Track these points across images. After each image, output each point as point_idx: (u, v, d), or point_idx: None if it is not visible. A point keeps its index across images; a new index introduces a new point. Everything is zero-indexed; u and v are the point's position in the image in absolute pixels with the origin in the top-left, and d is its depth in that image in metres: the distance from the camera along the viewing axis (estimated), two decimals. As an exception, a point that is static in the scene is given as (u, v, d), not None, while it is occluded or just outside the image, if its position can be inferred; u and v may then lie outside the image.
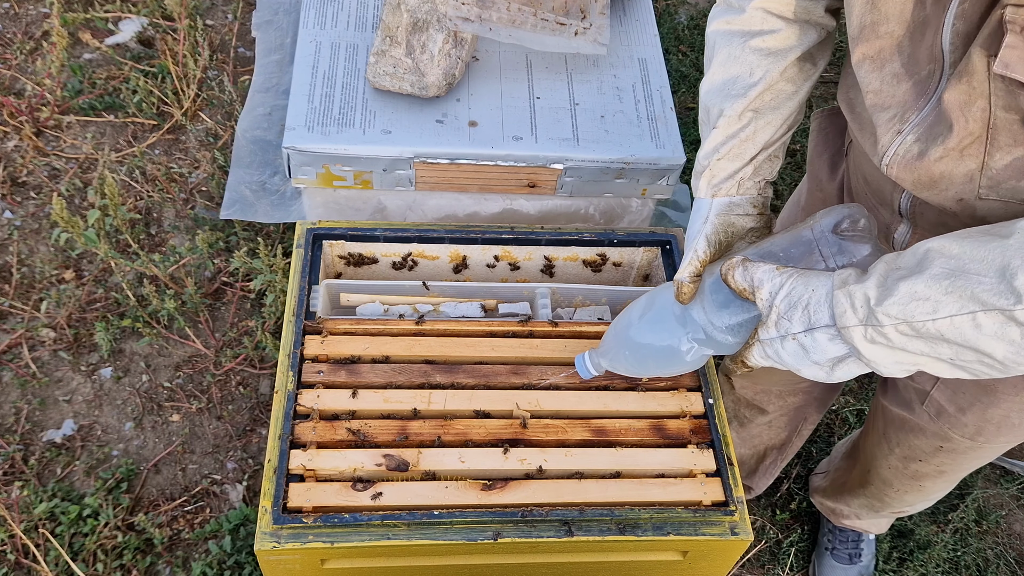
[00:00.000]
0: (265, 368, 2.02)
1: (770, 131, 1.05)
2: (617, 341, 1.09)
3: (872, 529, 1.77)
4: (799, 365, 0.90)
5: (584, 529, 1.11)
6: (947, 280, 0.78)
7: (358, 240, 1.39)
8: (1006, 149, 0.85)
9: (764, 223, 1.07)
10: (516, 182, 1.52)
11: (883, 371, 0.87)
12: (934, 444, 1.31)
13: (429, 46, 1.44)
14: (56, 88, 2.38)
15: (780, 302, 0.88)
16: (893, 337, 0.81)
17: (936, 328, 0.79)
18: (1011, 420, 1.19)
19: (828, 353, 0.87)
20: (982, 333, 0.77)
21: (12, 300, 2.03)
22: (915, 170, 0.93)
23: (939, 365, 0.84)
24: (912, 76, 0.90)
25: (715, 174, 1.05)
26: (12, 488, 1.76)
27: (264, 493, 1.09)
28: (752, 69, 1.02)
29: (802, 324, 0.87)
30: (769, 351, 0.91)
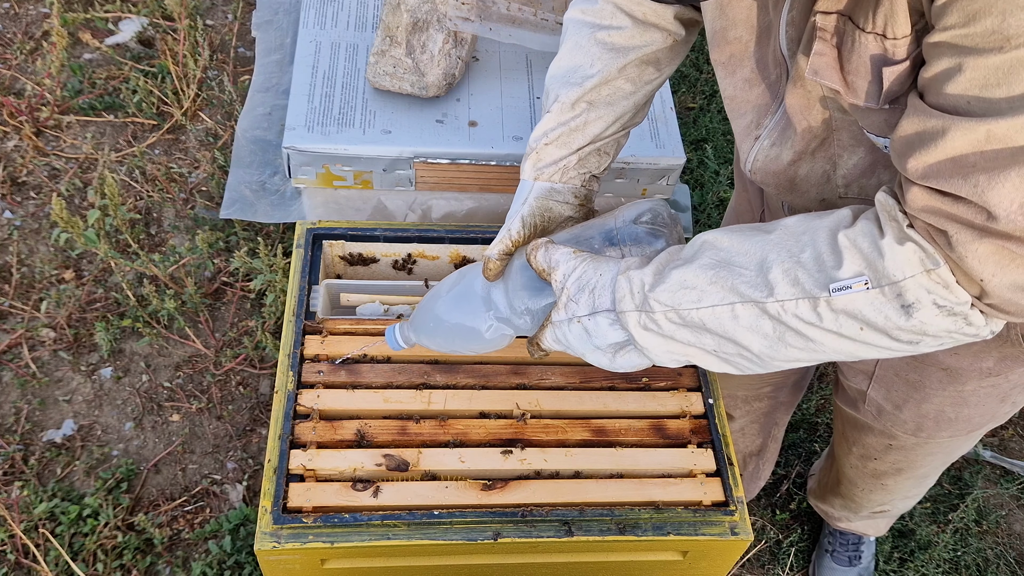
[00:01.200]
0: (265, 368, 2.02)
1: (601, 125, 1.05)
2: (423, 315, 1.07)
3: (869, 531, 1.77)
4: (583, 349, 0.91)
5: (584, 529, 1.11)
6: (713, 271, 0.80)
7: (358, 240, 1.39)
8: (851, 148, 0.86)
9: (583, 215, 1.08)
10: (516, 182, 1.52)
11: (657, 360, 0.88)
12: (883, 442, 1.33)
13: (429, 46, 1.44)
14: (56, 88, 2.38)
15: (571, 284, 0.89)
16: (663, 324, 0.83)
17: (699, 317, 0.80)
18: (946, 414, 1.20)
19: (608, 338, 0.88)
20: (739, 324, 0.79)
21: (12, 300, 2.03)
22: (775, 174, 0.94)
23: (706, 357, 0.85)
24: (763, 80, 0.91)
25: (541, 158, 1.06)
26: (12, 488, 1.76)
27: (264, 493, 1.09)
28: (593, 61, 1.03)
29: (587, 307, 0.88)
30: (559, 333, 0.92)
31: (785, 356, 0.80)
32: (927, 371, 1.15)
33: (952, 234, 0.68)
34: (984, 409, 1.19)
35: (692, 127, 2.58)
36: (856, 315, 0.74)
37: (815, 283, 0.74)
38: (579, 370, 1.25)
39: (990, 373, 1.11)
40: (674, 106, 1.60)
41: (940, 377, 1.14)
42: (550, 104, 1.05)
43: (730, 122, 1.06)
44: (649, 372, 1.26)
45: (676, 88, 2.69)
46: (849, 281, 0.73)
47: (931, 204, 0.69)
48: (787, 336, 0.78)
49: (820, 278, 0.74)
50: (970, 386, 1.14)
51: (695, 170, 2.47)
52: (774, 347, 0.79)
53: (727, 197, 2.40)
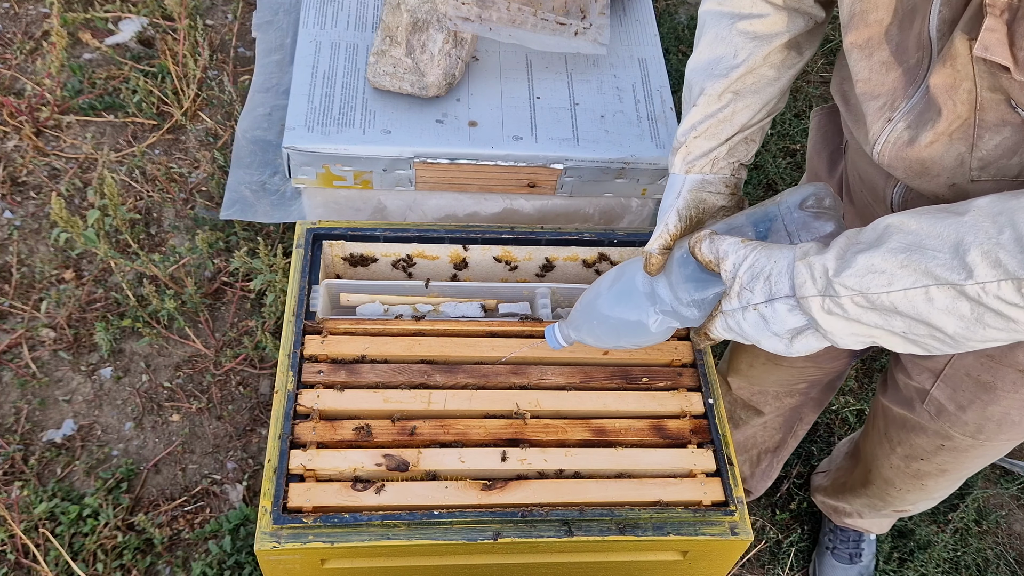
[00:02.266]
0: (265, 368, 2.02)
1: (748, 114, 1.06)
2: (585, 313, 1.09)
3: (873, 529, 1.77)
4: (759, 336, 0.92)
5: (584, 529, 1.11)
6: (903, 254, 0.80)
7: (358, 240, 1.39)
8: (994, 129, 0.86)
9: (735, 203, 1.09)
10: (516, 182, 1.52)
11: (839, 342, 0.88)
12: (935, 443, 1.31)
13: (429, 46, 1.44)
14: (56, 88, 2.38)
15: (743, 273, 0.90)
16: (849, 308, 0.83)
17: (890, 300, 0.80)
18: (1011, 417, 1.19)
19: (787, 324, 0.88)
20: (934, 307, 0.79)
21: (12, 300, 2.03)
22: (906, 157, 0.94)
23: (893, 338, 0.85)
24: (901, 64, 0.91)
25: (691, 151, 1.07)
26: (12, 488, 1.76)
27: (264, 493, 1.09)
28: (736, 51, 1.04)
29: (763, 294, 0.88)
30: (731, 322, 0.93)
31: (982, 337, 0.81)
32: (1002, 372, 1.14)
33: None
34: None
35: (692, 127, 2.58)
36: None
37: (1019, 264, 0.74)
38: (579, 370, 1.25)
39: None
40: (674, 106, 1.60)
41: (1015, 379, 1.13)
42: (695, 97, 1.06)
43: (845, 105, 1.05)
44: (649, 372, 1.26)
45: (676, 88, 2.69)
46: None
47: None
48: (986, 317, 0.78)
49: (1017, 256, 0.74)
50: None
51: (695, 170, 2.47)
52: (971, 328, 0.80)
53: (727, 197, 2.40)
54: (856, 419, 2.11)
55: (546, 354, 1.26)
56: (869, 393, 2.16)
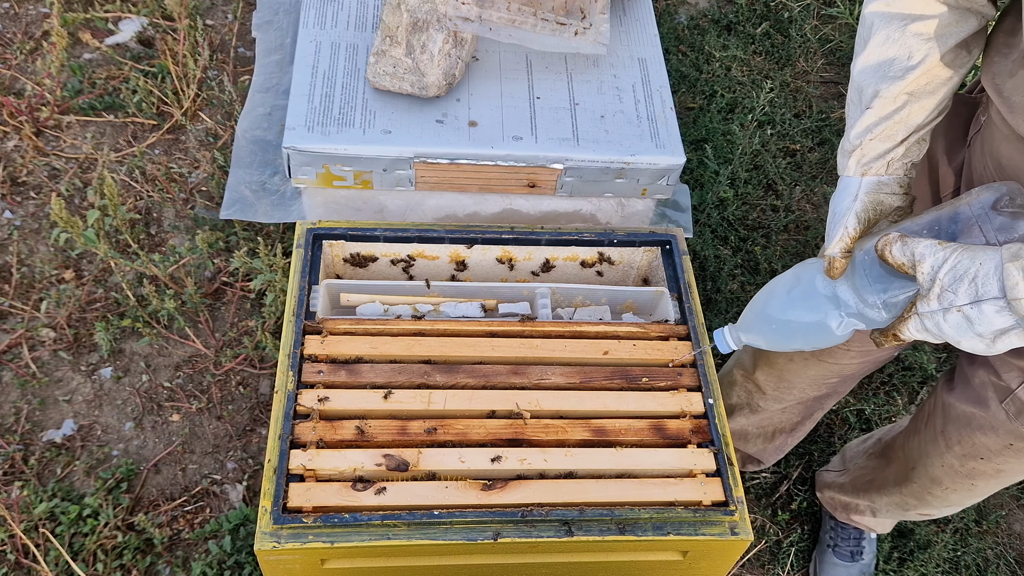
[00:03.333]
0: (265, 368, 2.02)
1: (923, 115, 1.07)
2: (762, 317, 1.10)
3: (877, 528, 1.77)
4: (960, 337, 0.92)
5: (584, 529, 1.11)
6: None
7: (358, 240, 1.39)
8: None
9: (908, 203, 1.09)
10: (516, 182, 1.52)
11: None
12: (1004, 442, 1.30)
13: (429, 46, 1.44)
14: (56, 88, 2.38)
15: (944, 275, 0.90)
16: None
17: None
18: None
19: (994, 325, 0.88)
20: None
21: (12, 300, 2.03)
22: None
23: None
24: None
25: (866, 153, 1.08)
26: (12, 488, 1.76)
27: (264, 493, 1.09)
28: (911, 52, 1.04)
29: (968, 296, 0.89)
30: (928, 323, 0.93)
31: None
32: None
33: None
34: None
35: (692, 127, 2.58)
36: None
37: None
38: (579, 370, 1.25)
39: None
40: (674, 106, 1.60)
41: None
42: (869, 99, 1.07)
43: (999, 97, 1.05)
44: (649, 372, 1.26)
45: (676, 88, 2.69)
46: None
47: None
48: None
49: None
50: None
51: (695, 170, 2.47)
52: None
53: (727, 197, 2.40)
54: (856, 419, 2.11)
55: (546, 354, 1.26)
56: (869, 393, 2.16)
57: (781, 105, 2.70)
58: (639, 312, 1.45)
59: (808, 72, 2.85)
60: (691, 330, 1.31)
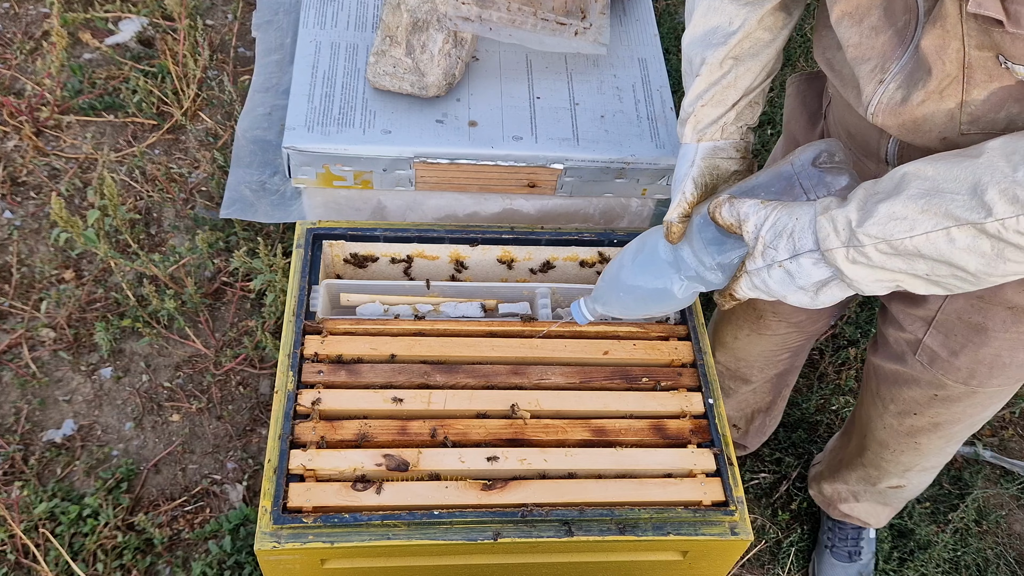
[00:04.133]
0: (265, 368, 2.02)
1: (750, 78, 1.11)
2: (611, 285, 1.12)
3: (871, 520, 1.77)
4: (785, 291, 0.96)
5: (584, 529, 1.11)
6: (923, 199, 0.84)
7: (358, 240, 1.39)
8: (982, 85, 0.89)
9: (747, 166, 1.13)
10: (516, 182, 1.52)
11: (864, 289, 0.92)
12: (928, 394, 1.34)
13: (429, 46, 1.44)
14: (56, 88, 2.38)
15: (766, 232, 0.94)
16: (873, 256, 0.87)
17: (913, 245, 0.84)
18: (1002, 359, 1.22)
19: (813, 277, 0.92)
20: (955, 247, 0.83)
21: (12, 300, 2.03)
22: (899, 115, 0.97)
23: (915, 281, 0.89)
24: (890, 27, 0.95)
25: (699, 120, 1.11)
26: (12, 488, 1.76)
27: (264, 493, 1.09)
28: (732, 19, 1.08)
29: (787, 251, 0.93)
30: (756, 281, 0.97)
31: (1003, 271, 0.85)
32: (992, 312, 1.16)
33: None
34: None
35: (692, 127, 2.58)
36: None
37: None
38: (579, 370, 1.25)
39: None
40: (674, 106, 1.59)
41: (1004, 317, 1.16)
42: (697, 67, 1.11)
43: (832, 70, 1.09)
44: (649, 372, 1.26)
45: (676, 88, 2.69)
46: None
47: None
48: (1007, 252, 0.82)
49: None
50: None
51: (695, 170, 2.47)
52: (992, 264, 0.83)
53: (727, 197, 2.40)
54: (856, 419, 2.11)
55: (546, 354, 1.26)
56: (869, 393, 2.16)
57: (781, 105, 2.70)
58: (639, 312, 1.45)
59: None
60: (691, 330, 1.32)
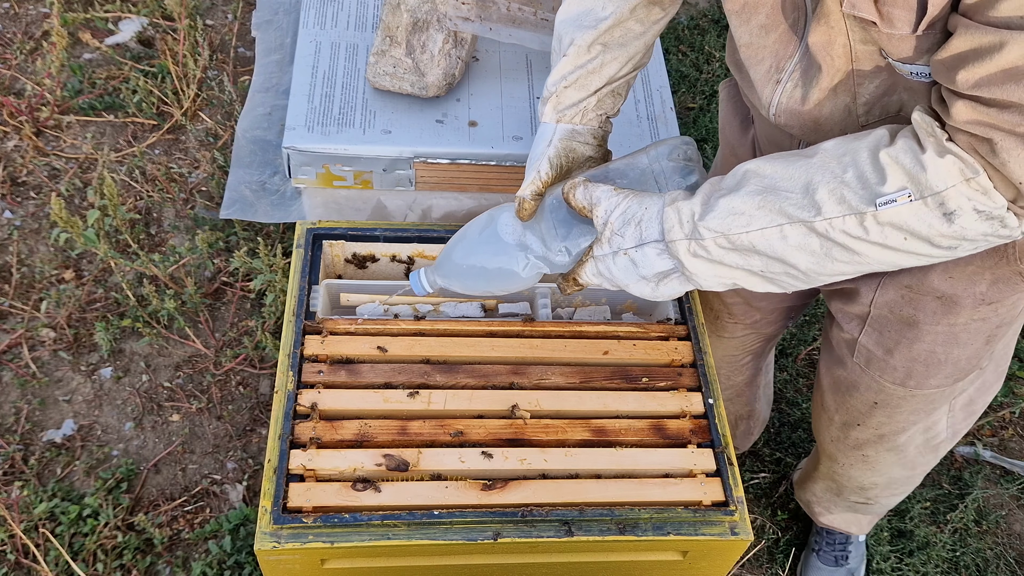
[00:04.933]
0: (265, 368, 2.02)
1: (615, 66, 1.10)
2: (453, 259, 1.10)
3: (852, 528, 1.75)
4: (628, 280, 0.97)
5: (584, 529, 1.11)
6: (760, 196, 0.86)
7: (358, 240, 1.39)
8: (870, 76, 0.91)
9: (602, 155, 1.13)
10: (516, 182, 1.52)
11: (703, 284, 0.93)
12: (868, 400, 1.32)
13: (429, 46, 1.44)
14: (56, 88, 2.38)
15: (615, 219, 0.95)
16: (712, 250, 0.89)
17: (749, 240, 0.86)
18: (937, 356, 1.21)
19: (655, 267, 0.94)
20: (788, 244, 0.85)
21: (12, 300, 2.03)
22: (800, 115, 0.98)
23: (752, 278, 0.91)
24: (779, 26, 0.96)
25: (561, 101, 1.11)
26: (12, 488, 1.76)
27: (264, 493, 1.09)
28: (604, 3, 1.08)
29: (634, 240, 0.94)
30: (601, 267, 0.98)
31: (831, 271, 0.87)
32: (922, 302, 1.16)
33: (997, 141, 0.75)
34: (972, 350, 1.20)
35: (692, 127, 2.58)
36: (901, 226, 0.81)
37: (860, 200, 0.81)
38: (579, 370, 1.25)
39: (983, 300, 1.13)
40: (674, 106, 1.59)
41: (935, 308, 1.16)
42: (565, 47, 1.10)
43: (739, 73, 1.10)
44: (649, 372, 1.26)
45: (676, 88, 2.69)
46: (894, 195, 0.79)
47: (977, 116, 0.75)
48: (834, 251, 0.84)
49: (865, 195, 0.81)
50: (963, 318, 1.16)
51: (695, 170, 2.47)
52: (821, 263, 0.86)
53: (727, 197, 2.40)
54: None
55: (546, 354, 1.26)
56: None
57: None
58: (639, 312, 1.45)
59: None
60: (691, 330, 1.32)
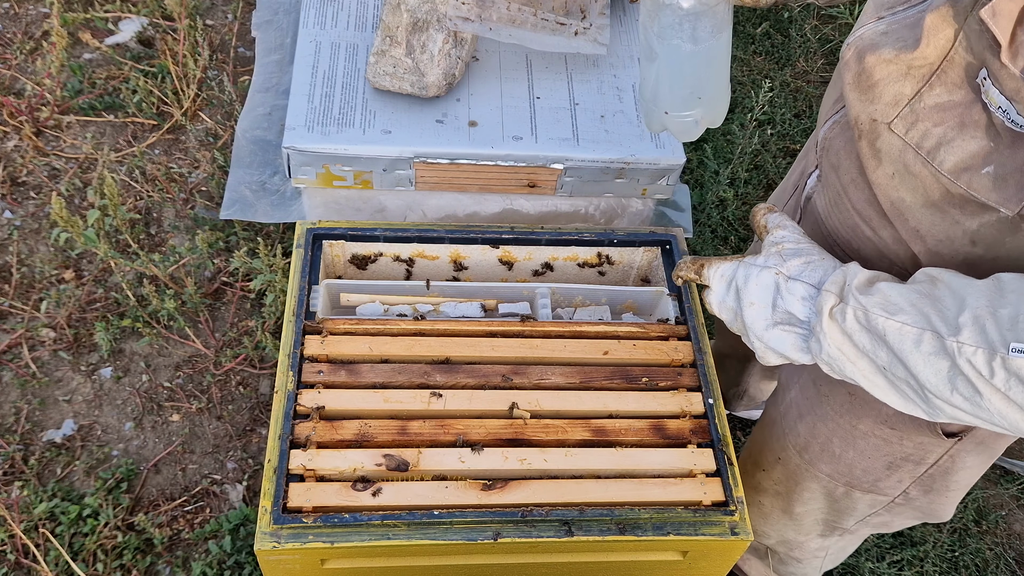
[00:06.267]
0: (265, 368, 2.02)
1: None
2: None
3: None
4: (755, 298, 0.96)
5: (584, 529, 1.11)
6: (918, 296, 0.83)
7: (358, 240, 1.39)
8: (945, 89, 0.83)
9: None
10: (516, 182, 1.52)
11: (823, 351, 0.90)
12: (775, 454, 1.33)
13: (429, 46, 1.44)
14: (56, 88, 2.38)
15: (790, 245, 0.96)
16: (849, 320, 0.87)
17: (883, 326, 0.83)
18: (832, 448, 1.20)
19: (790, 307, 0.93)
20: (919, 351, 0.81)
21: (12, 300, 2.03)
22: (864, 60, 0.91)
23: (876, 376, 0.87)
24: None
25: None
26: (12, 488, 1.76)
27: (264, 493, 1.09)
28: None
29: (796, 270, 0.93)
30: (742, 272, 0.97)
31: (949, 400, 0.81)
32: (835, 389, 1.15)
33: None
34: (868, 465, 1.18)
35: (692, 127, 2.58)
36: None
37: (1000, 339, 0.75)
38: (579, 370, 1.25)
39: (886, 421, 1.11)
40: (674, 106, 1.59)
41: (843, 400, 1.15)
42: None
43: None
44: (649, 372, 1.26)
45: (676, 88, 2.69)
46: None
47: None
48: (957, 381, 0.79)
49: (1007, 336, 0.75)
50: (863, 426, 1.14)
51: (695, 170, 2.47)
52: (942, 386, 0.81)
53: (727, 197, 2.40)
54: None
55: (546, 354, 1.26)
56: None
57: (781, 105, 2.70)
58: (639, 312, 1.45)
59: (808, 72, 2.84)
60: (691, 330, 1.31)
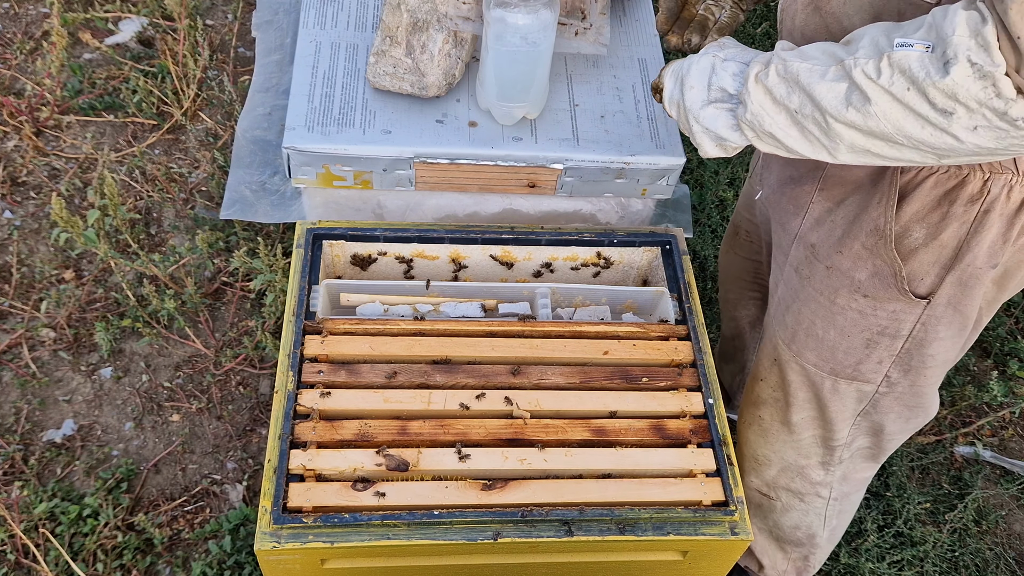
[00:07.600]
0: (265, 368, 2.02)
1: None
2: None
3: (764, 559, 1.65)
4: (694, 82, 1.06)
5: (584, 529, 1.11)
6: (829, 45, 0.95)
7: (358, 240, 1.39)
8: None
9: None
10: (516, 182, 1.52)
11: (747, 115, 0.99)
12: (771, 356, 1.35)
13: (429, 46, 1.44)
14: (56, 88, 2.38)
15: (729, 40, 1.08)
16: (771, 76, 0.96)
17: (797, 68, 0.94)
18: (816, 330, 1.24)
19: (723, 82, 1.03)
20: (823, 80, 0.91)
21: (12, 300, 2.03)
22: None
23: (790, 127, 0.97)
24: None
25: None
26: (12, 488, 1.76)
27: (264, 493, 1.09)
28: None
29: (730, 54, 1.04)
30: (686, 63, 1.08)
31: (844, 117, 0.91)
32: (815, 267, 1.20)
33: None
34: (849, 344, 1.22)
35: (692, 127, 2.58)
36: (906, 71, 0.84)
37: (888, 43, 0.86)
38: (579, 370, 1.25)
39: (859, 289, 1.15)
40: (674, 106, 1.59)
41: (822, 276, 1.19)
42: None
43: None
44: (649, 372, 1.26)
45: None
46: (913, 41, 0.84)
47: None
48: (853, 95, 0.89)
49: (895, 40, 0.86)
50: (841, 299, 1.18)
51: (695, 170, 2.47)
52: (838, 104, 0.90)
53: (727, 197, 2.40)
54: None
55: (546, 354, 1.26)
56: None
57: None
58: (639, 312, 1.45)
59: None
60: (691, 330, 1.32)
